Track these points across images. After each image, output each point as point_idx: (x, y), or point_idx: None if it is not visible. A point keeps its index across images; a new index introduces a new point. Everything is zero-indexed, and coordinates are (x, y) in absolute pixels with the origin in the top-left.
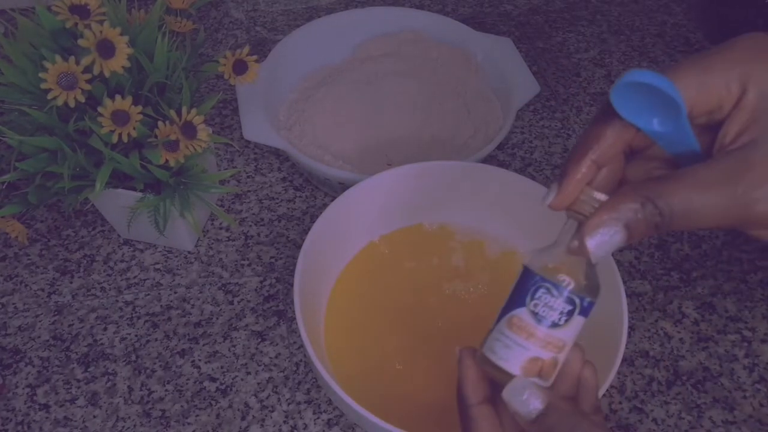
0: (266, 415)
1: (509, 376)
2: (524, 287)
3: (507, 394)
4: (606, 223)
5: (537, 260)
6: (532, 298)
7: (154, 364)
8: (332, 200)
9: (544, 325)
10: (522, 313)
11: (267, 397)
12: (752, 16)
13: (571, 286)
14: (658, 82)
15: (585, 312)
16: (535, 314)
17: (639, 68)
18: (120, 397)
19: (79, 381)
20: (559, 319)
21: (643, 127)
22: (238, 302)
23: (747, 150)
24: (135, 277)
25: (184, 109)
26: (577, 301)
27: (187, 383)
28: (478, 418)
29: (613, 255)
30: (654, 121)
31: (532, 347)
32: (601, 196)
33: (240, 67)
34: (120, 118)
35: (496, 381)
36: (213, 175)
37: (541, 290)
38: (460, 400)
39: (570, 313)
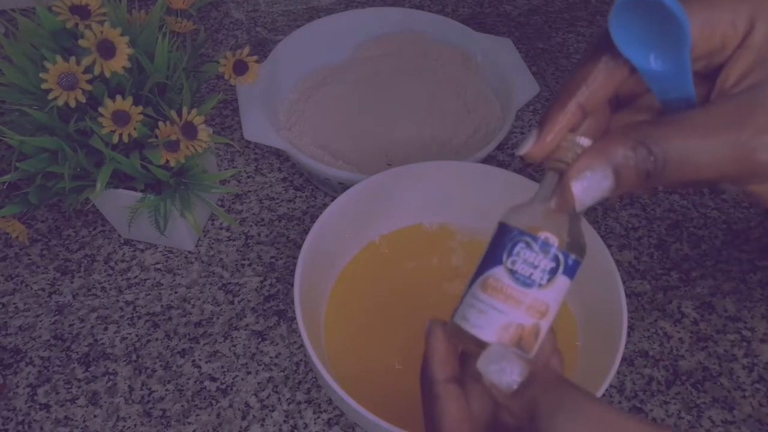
0: (266, 415)
1: (485, 346)
2: (500, 244)
3: (482, 363)
4: (593, 166)
5: (514, 216)
6: (510, 255)
7: (155, 363)
8: (332, 200)
9: (523, 285)
10: (498, 273)
11: (267, 397)
12: None
13: (555, 242)
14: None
15: (570, 272)
16: (513, 272)
17: None
18: (120, 396)
19: (79, 381)
20: (542, 278)
21: (640, 63)
22: (239, 302)
23: (752, 93)
24: (135, 277)
25: (184, 110)
26: (561, 257)
27: (187, 383)
28: (444, 397)
29: (612, 255)
30: (651, 58)
31: (511, 311)
32: (586, 142)
33: (240, 68)
34: (120, 118)
35: (469, 354)
36: (213, 175)
37: (520, 245)
38: (424, 378)
39: (553, 272)
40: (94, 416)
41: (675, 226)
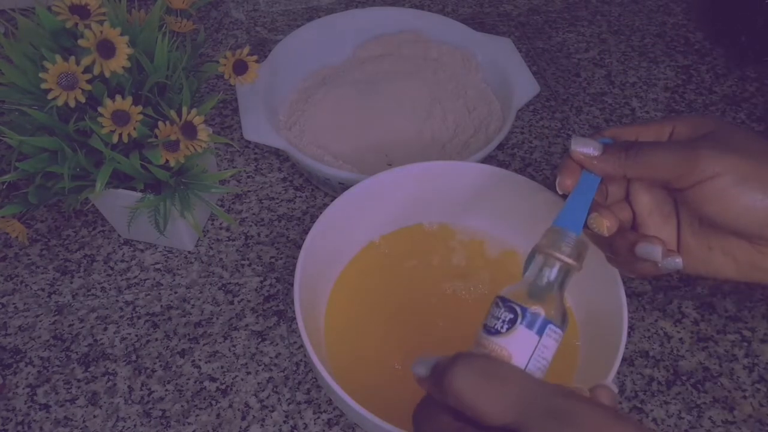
0: (266, 415)
1: None
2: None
3: (575, 144)
4: (589, 142)
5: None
6: (486, 314)
7: (155, 364)
8: (332, 200)
9: (488, 332)
10: (479, 331)
11: (267, 397)
12: (752, 16)
13: (514, 298)
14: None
15: (532, 326)
16: (484, 326)
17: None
18: (120, 397)
19: (79, 381)
20: (502, 327)
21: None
22: (238, 302)
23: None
24: (135, 277)
25: (184, 110)
26: (518, 310)
27: (187, 383)
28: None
29: None
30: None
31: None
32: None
33: (240, 67)
34: (120, 118)
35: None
36: (213, 175)
37: (492, 305)
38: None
39: (511, 322)
40: (94, 416)
41: None
